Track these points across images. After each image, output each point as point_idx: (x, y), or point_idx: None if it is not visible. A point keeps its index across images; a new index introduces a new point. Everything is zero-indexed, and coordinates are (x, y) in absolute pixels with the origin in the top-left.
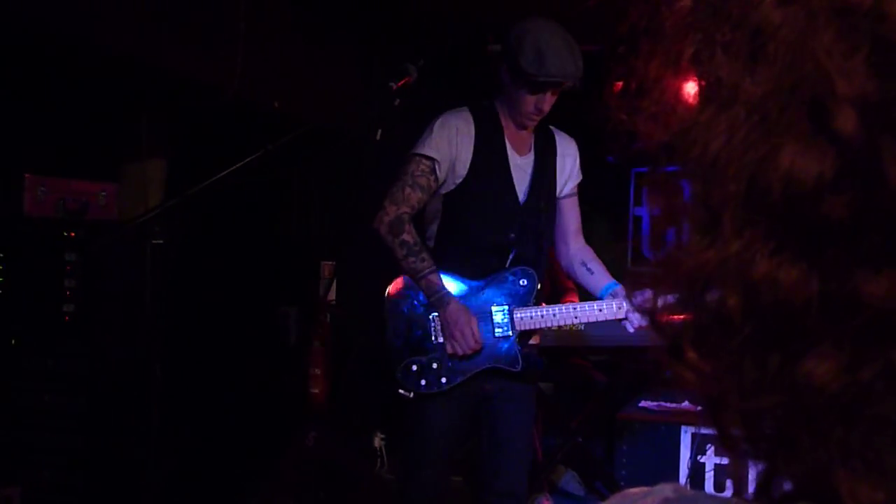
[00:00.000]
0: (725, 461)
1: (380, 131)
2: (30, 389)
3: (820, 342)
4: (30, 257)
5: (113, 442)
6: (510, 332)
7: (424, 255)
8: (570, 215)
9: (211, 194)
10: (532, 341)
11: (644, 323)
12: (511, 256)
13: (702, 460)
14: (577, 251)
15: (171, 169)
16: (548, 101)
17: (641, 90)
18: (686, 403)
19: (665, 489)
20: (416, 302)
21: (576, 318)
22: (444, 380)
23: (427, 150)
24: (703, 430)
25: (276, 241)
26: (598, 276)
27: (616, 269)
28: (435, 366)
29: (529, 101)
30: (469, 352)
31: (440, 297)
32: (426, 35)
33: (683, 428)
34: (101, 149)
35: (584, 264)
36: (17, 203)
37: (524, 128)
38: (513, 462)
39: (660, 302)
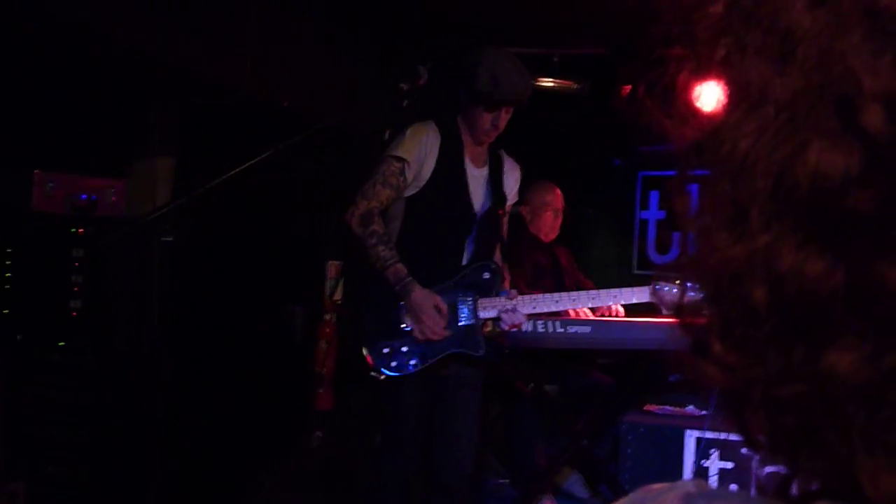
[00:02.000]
0: (730, 465)
1: (388, 132)
2: (36, 384)
3: (844, 333)
4: (38, 253)
5: (119, 438)
6: (474, 320)
7: (392, 245)
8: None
9: (220, 192)
10: (486, 328)
11: (517, 322)
12: (466, 255)
13: (705, 464)
14: None
15: (179, 166)
16: (503, 118)
17: (672, 94)
18: (691, 408)
19: (688, 485)
20: (386, 289)
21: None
22: (412, 362)
23: (399, 153)
24: (708, 435)
25: (284, 240)
26: None
27: (622, 272)
28: (405, 349)
29: (486, 118)
30: (437, 336)
31: (405, 285)
32: (436, 36)
33: (688, 432)
34: (110, 145)
35: None
36: (25, 198)
37: (481, 143)
38: (456, 459)
39: (685, 299)
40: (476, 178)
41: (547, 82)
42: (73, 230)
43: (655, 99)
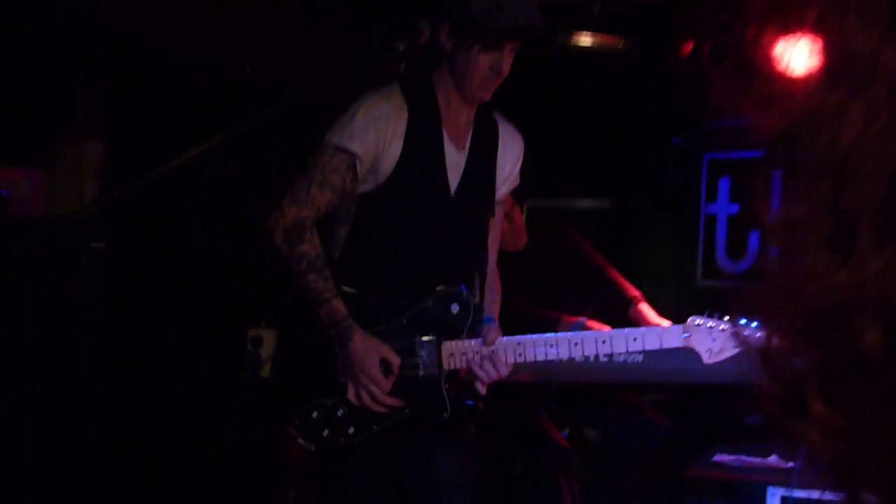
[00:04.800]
0: None
1: None
2: None
3: None
4: None
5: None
6: (436, 371)
7: (327, 272)
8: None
9: (165, 185)
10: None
11: (495, 377)
12: (439, 274)
13: None
14: None
15: (112, 152)
16: (506, 59)
17: (750, 66)
18: (774, 458)
19: None
20: (320, 326)
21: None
22: (352, 430)
23: (347, 143)
24: (797, 493)
25: (248, 246)
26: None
27: (682, 284)
28: (340, 412)
29: (484, 61)
30: (377, 406)
31: (343, 330)
32: None
33: (770, 489)
34: (24, 127)
35: None
36: None
37: (475, 102)
38: None
39: (774, 338)
40: (456, 164)
41: (585, 39)
42: None
43: (725, 64)
